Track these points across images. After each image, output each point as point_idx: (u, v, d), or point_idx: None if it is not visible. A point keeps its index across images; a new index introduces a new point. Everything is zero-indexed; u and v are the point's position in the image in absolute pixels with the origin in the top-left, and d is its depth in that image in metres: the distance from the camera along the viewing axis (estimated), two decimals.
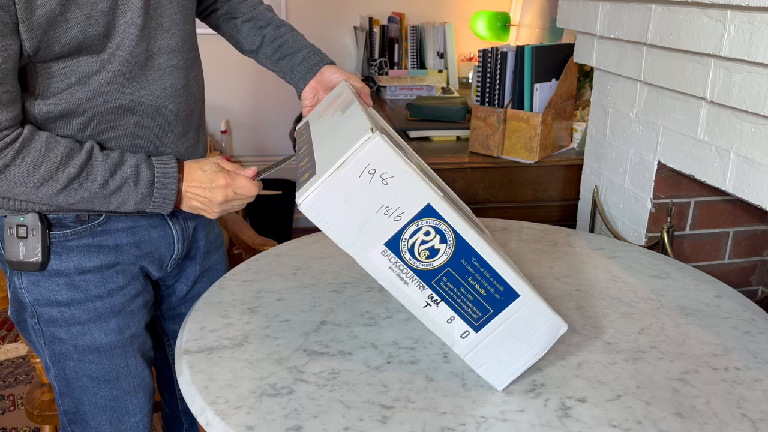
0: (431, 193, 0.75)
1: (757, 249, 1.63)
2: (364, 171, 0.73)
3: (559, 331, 0.81)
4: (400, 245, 0.76)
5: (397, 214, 0.75)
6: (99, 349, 1.05)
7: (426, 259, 0.77)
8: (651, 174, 1.50)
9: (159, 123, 1.00)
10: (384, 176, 0.73)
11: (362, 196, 0.74)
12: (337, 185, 0.73)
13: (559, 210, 1.98)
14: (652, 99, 1.47)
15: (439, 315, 0.79)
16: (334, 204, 0.74)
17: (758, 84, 1.11)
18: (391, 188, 0.74)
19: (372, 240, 0.76)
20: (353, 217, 0.75)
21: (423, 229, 0.76)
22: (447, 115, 2.23)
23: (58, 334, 1.03)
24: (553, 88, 1.89)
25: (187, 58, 1.03)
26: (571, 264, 1.21)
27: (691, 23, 1.26)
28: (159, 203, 0.98)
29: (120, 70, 0.93)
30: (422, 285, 0.78)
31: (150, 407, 1.14)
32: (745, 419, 0.78)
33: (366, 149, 0.72)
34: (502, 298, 0.79)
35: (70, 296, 1.02)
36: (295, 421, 0.77)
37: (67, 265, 1.01)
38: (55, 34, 0.85)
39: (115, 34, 0.90)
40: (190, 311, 1.04)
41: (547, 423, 0.77)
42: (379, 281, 0.78)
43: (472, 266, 0.77)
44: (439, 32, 3.18)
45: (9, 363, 2.33)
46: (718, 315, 1.04)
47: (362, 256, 0.77)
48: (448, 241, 0.76)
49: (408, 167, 0.73)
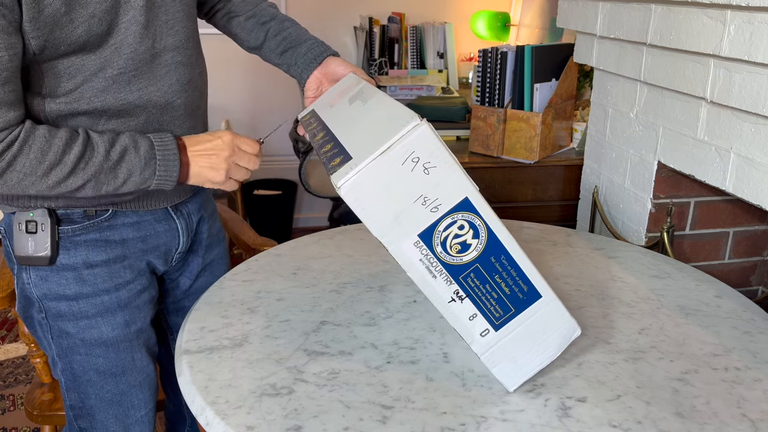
0: (470, 187, 0.74)
1: (757, 249, 1.63)
2: (408, 158, 0.71)
3: (573, 334, 0.81)
4: (434, 237, 0.75)
5: (435, 205, 0.74)
6: (106, 343, 1.06)
7: (457, 253, 0.76)
8: (651, 174, 1.50)
9: (168, 118, 1.02)
10: (427, 165, 0.72)
11: (403, 184, 0.72)
12: (379, 170, 0.72)
13: (559, 210, 1.98)
14: (652, 99, 1.47)
15: (462, 311, 0.79)
16: (374, 190, 0.73)
17: (758, 84, 1.11)
18: (432, 178, 0.72)
19: (407, 230, 0.75)
20: (391, 204, 0.73)
21: (458, 222, 0.75)
22: (447, 115, 2.22)
23: (65, 328, 1.05)
24: (553, 88, 1.89)
25: (191, 55, 1.05)
26: (571, 264, 1.21)
27: (691, 23, 1.26)
28: (163, 168, 0.97)
29: (126, 68, 0.95)
30: (450, 280, 0.77)
31: (154, 403, 1.15)
32: (745, 419, 0.78)
33: (413, 136, 0.71)
34: (525, 297, 0.78)
35: (78, 290, 1.03)
36: (295, 421, 0.77)
37: (75, 260, 1.02)
38: (62, 34, 0.86)
39: (117, 32, 0.92)
40: (190, 311, 1.04)
41: (547, 423, 0.77)
42: (408, 272, 0.77)
43: (500, 264, 0.77)
44: (439, 32, 3.18)
45: (9, 363, 2.33)
46: (718, 315, 1.04)
47: (395, 245, 0.76)
48: (481, 237, 0.75)
49: (451, 158, 0.72)
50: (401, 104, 0.81)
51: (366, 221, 0.75)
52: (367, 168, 0.72)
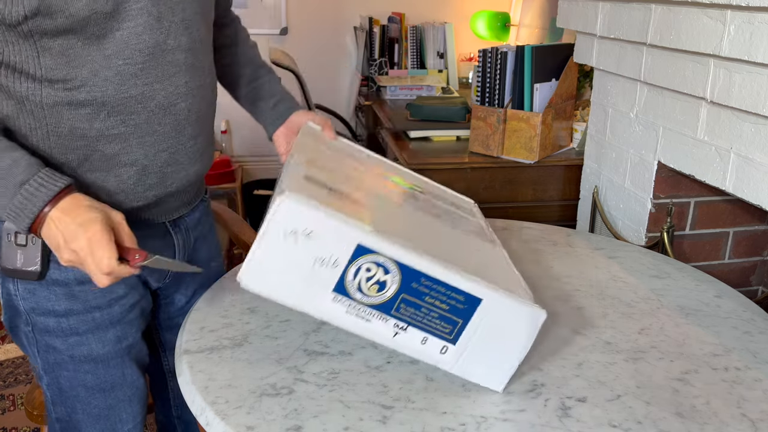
0: (359, 233, 0.74)
1: (757, 249, 1.63)
2: (285, 235, 0.73)
3: (539, 319, 0.79)
4: (348, 288, 0.76)
5: (333, 262, 0.75)
6: (96, 360, 1.02)
7: (377, 293, 0.77)
8: (651, 174, 1.50)
9: (170, 121, 0.97)
10: (305, 233, 0.74)
11: (293, 257, 0.74)
12: (265, 257, 0.74)
13: (559, 210, 1.98)
14: (652, 99, 1.47)
15: (411, 340, 0.79)
16: (270, 274, 0.75)
17: (758, 84, 1.11)
18: (316, 242, 0.74)
19: (320, 292, 0.76)
20: (293, 279, 0.75)
21: (363, 267, 0.75)
22: (447, 115, 2.22)
23: (53, 343, 1.00)
24: (553, 88, 1.89)
25: (204, 60, 1.01)
26: (571, 264, 1.21)
27: (691, 23, 1.26)
28: (16, 213, 0.85)
29: (132, 59, 0.89)
30: (384, 317, 0.78)
31: (143, 415, 1.12)
32: (745, 419, 0.78)
33: (279, 215, 0.73)
34: (466, 306, 0.78)
35: (69, 306, 0.98)
36: (295, 421, 0.77)
37: (66, 275, 0.97)
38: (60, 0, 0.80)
39: (125, 18, 0.87)
40: (191, 311, 1.04)
41: (547, 423, 0.77)
42: (343, 327, 0.78)
43: (424, 286, 0.77)
44: (439, 32, 3.18)
45: (9, 363, 2.33)
46: (718, 315, 1.04)
47: (316, 310, 0.77)
48: (392, 271, 0.76)
49: (327, 217, 0.73)
50: (298, 172, 0.82)
51: (281, 302, 0.76)
52: (253, 260, 0.74)
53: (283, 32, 3.44)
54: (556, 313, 1.03)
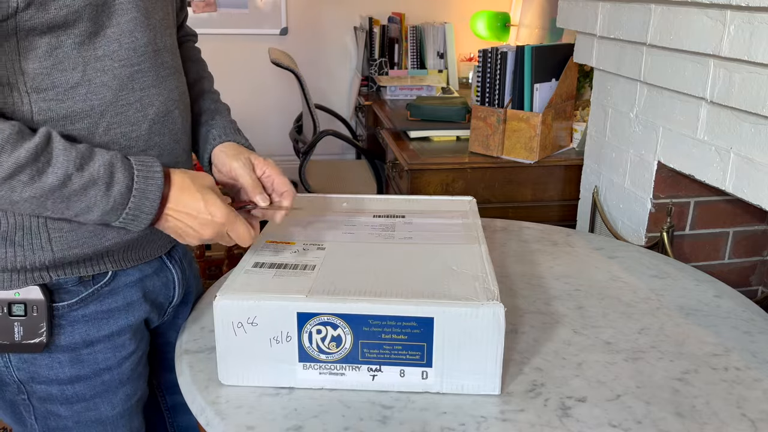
0: (295, 303, 0.78)
1: (757, 249, 1.63)
2: (233, 328, 0.79)
3: (499, 314, 0.77)
4: (310, 354, 0.80)
5: (286, 336, 0.79)
6: (104, 422, 0.93)
7: (337, 348, 0.80)
8: (651, 174, 1.50)
9: (168, 130, 0.88)
10: (249, 321, 0.79)
11: (252, 344, 0.79)
12: (226, 351, 0.80)
13: (559, 210, 1.98)
14: (652, 99, 1.47)
15: (390, 377, 0.81)
16: (239, 364, 0.81)
17: (758, 84, 1.11)
18: (264, 325, 0.79)
19: (289, 366, 0.81)
20: (260, 361, 0.80)
21: (313, 330, 0.79)
22: (447, 115, 2.23)
23: (56, 411, 0.89)
24: (553, 88, 1.89)
25: (180, 64, 0.94)
26: (571, 264, 1.21)
27: (691, 23, 1.26)
28: (132, 217, 0.79)
29: (128, 60, 0.81)
30: (355, 366, 0.81)
31: None
32: (745, 419, 0.78)
33: (219, 313, 0.79)
34: (422, 329, 0.78)
35: (75, 373, 0.87)
36: (295, 421, 0.77)
37: (73, 339, 0.86)
38: None
39: (115, 10, 0.79)
40: (191, 311, 1.04)
41: (547, 423, 0.77)
42: (325, 387, 0.82)
43: (375, 326, 0.78)
44: (439, 32, 3.18)
45: None
46: (718, 315, 1.04)
47: (295, 381, 0.81)
48: (340, 324, 0.79)
49: (260, 302, 0.78)
50: (244, 264, 0.87)
51: (262, 385, 0.81)
52: (218, 359, 0.81)
53: (283, 32, 3.44)
54: (556, 313, 1.03)
